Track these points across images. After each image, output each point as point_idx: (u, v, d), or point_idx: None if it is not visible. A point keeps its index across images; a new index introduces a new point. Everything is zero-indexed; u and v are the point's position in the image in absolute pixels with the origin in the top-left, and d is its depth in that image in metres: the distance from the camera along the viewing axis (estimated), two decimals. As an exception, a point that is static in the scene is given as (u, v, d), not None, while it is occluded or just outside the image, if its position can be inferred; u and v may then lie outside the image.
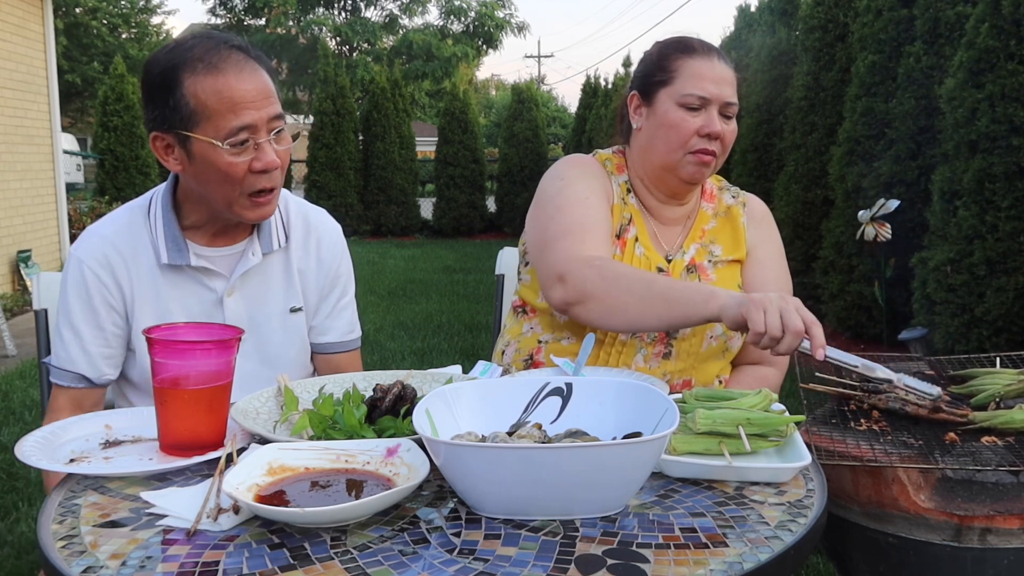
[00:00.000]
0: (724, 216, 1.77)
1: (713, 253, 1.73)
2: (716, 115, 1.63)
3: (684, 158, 1.64)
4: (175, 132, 1.39)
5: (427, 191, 16.20)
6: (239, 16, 21.92)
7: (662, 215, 1.74)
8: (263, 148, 1.39)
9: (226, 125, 1.36)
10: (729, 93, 1.64)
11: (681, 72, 1.64)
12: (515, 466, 0.94)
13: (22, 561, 2.70)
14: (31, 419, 4.08)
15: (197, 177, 1.42)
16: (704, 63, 1.64)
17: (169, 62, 1.39)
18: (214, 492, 1.00)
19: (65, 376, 1.50)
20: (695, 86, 1.62)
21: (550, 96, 41.84)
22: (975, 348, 3.76)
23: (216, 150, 1.37)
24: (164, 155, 1.44)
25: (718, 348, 1.67)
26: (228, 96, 1.36)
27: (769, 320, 1.30)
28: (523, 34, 23.52)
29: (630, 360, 1.64)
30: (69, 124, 20.13)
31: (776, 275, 1.76)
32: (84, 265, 1.48)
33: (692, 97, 1.62)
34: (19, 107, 7.84)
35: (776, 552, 0.91)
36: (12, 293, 7.33)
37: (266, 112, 1.39)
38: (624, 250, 1.67)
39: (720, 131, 1.62)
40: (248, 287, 1.54)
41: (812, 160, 5.87)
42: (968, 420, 1.39)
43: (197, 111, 1.36)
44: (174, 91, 1.37)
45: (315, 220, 1.64)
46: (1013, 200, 3.71)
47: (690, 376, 1.66)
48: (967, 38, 4.00)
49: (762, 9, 7.35)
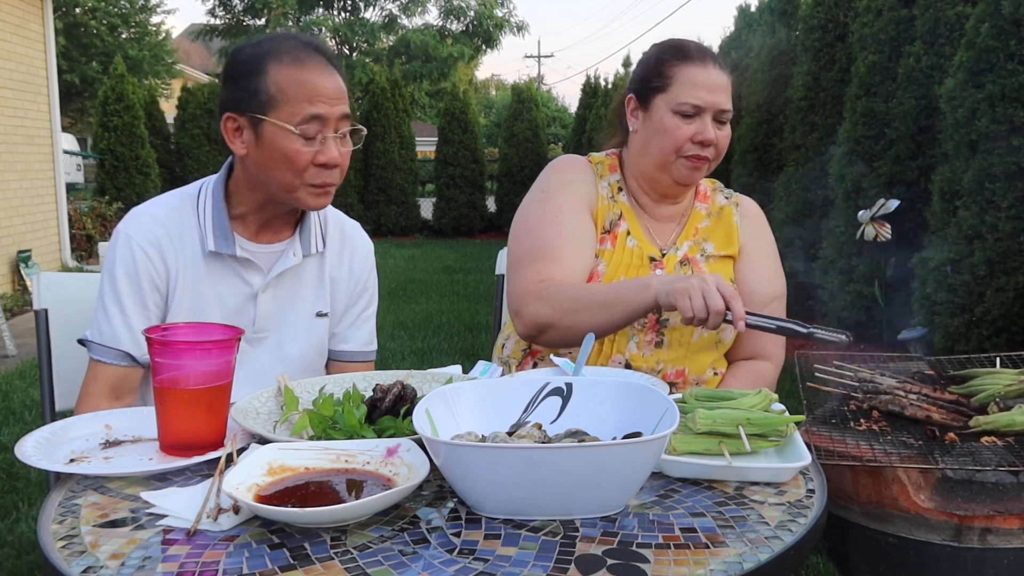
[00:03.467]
0: (717, 216, 1.82)
1: (705, 250, 1.77)
2: (710, 122, 1.67)
3: (677, 161, 1.69)
4: (250, 115, 1.46)
5: (427, 191, 16.20)
6: (238, 16, 21.90)
7: (656, 213, 1.79)
8: (328, 144, 1.46)
9: (301, 112, 1.43)
10: (723, 100, 1.68)
11: (677, 79, 1.68)
12: (515, 466, 0.94)
13: (22, 561, 2.70)
14: (31, 419, 4.08)
15: (261, 161, 1.47)
16: (699, 71, 1.68)
17: (257, 50, 1.48)
18: (214, 492, 1.00)
19: (108, 353, 1.50)
20: (690, 94, 1.66)
21: (550, 96, 41.83)
22: (975, 348, 3.76)
23: (287, 135, 1.43)
24: (232, 137, 1.50)
25: (710, 340, 1.70)
26: (309, 87, 1.44)
27: (694, 304, 1.41)
28: (522, 34, 23.51)
29: (624, 348, 1.68)
30: (69, 124, 20.12)
31: (768, 271, 1.80)
32: (134, 242, 1.50)
33: (687, 105, 1.66)
34: (19, 107, 7.84)
35: (776, 552, 0.91)
36: (12, 293, 7.33)
37: (338, 110, 1.46)
38: (616, 243, 1.72)
39: (713, 138, 1.67)
40: (282, 287, 1.58)
41: (812, 160, 5.87)
42: (968, 425, 1.39)
43: (276, 97, 1.44)
44: (257, 77, 1.45)
45: (350, 232, 1.71)
46: (1013, 200, 3.71)
47: (683, 366, 1.69)
48: (967, 38, 4.00)
49: (762, 9, 7.34)
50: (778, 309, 1.78)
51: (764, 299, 1.74)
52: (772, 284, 1.79)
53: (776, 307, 1.77)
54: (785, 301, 1.82)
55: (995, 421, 1.37)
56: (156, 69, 21.61)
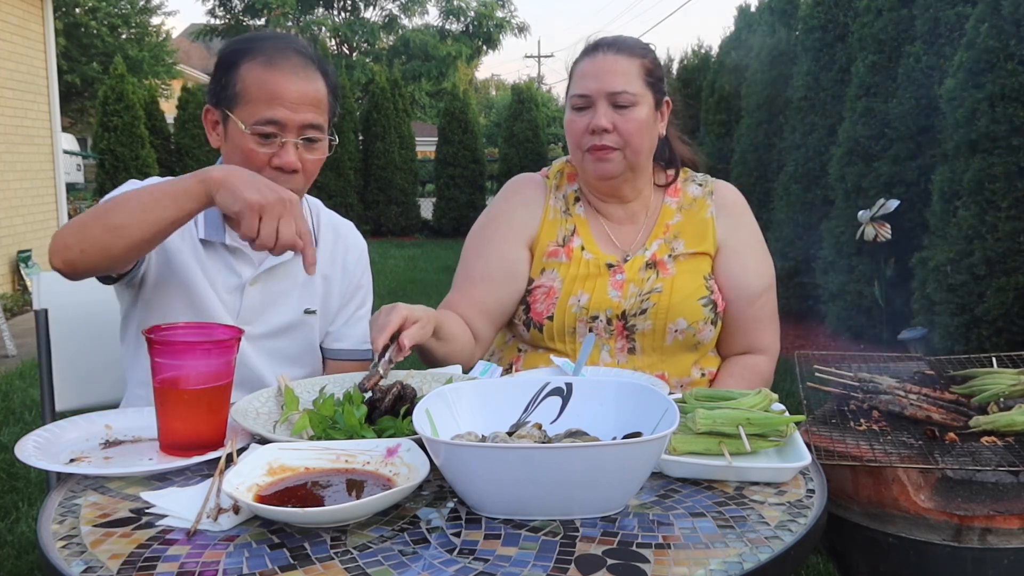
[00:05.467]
0: (689, 209, 1.75)
1: (675, 248, 1.72)
2: (604, 109, 1.62)
3: (584, 157, 1.67)
4: (220, 109, 1.49)
5: (427, 191, 16.20)
6: (238, 17, 21.90)
7: (613, 215, 1.76)
8: (286, 148, 1.46)
9: (257, 113, 1.44)
10: (612, 82, 1.62)
11: (572, 77, 1.69)
12: (515, 466, 0.94)
13: (22, 561, 2.70)
14: (31, 419, 4.08)
15: (227, 156, 1.50)
16: (586, 61, 1.67)
17: (238, 45, 1.51)
18: (214, 492, 1.00)
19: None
20: (575, 86, 1.67)
21: (550, 96, 41.82)
22: (975, 348, 3.76)
23: (242, 134, 1.45)
24: (210, 129, 1.54)
25: (685, 342, 1.66)
26: (269, 89, 1.45)
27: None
28: (523, 35, 23.52)
29: (596, 358, 1.65)
30: (69, 124, 20.11)
31: (755, 261, 1.75)
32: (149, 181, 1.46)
33: (575, 98, 1.66)
34: (19, 107, 7.84)
35: (776, 552, 0.91)
36: (12, 293, 7.33)
37: (300, 116, 1.46)
38: (571, 256, 1.70)
39: (606, 124, 1.61)
40: (271, 281, 1.58)
41: (812, 160, 5.87)
42: (968, 425, 1.39)
43: (240, 94, 1.46)
44: (230, 72, 1.48)
45: (344, 231, 1.71)
46: (1013, 200, 3.71)
47: (661, 371, 1.66)
48: (967, 38, 4.00)
49: (762, 9, 7.34)
50: (769, 300, 1.74)
51: (755, 291, 1.71)
52: (761, 275, 1.73)
53: (767, 298, 1.73)
54: (775, 290, 1.77)
55: (995, 421, 1.37)
56: (156, 70, 21.60)
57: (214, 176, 1.24)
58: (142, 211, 1.26)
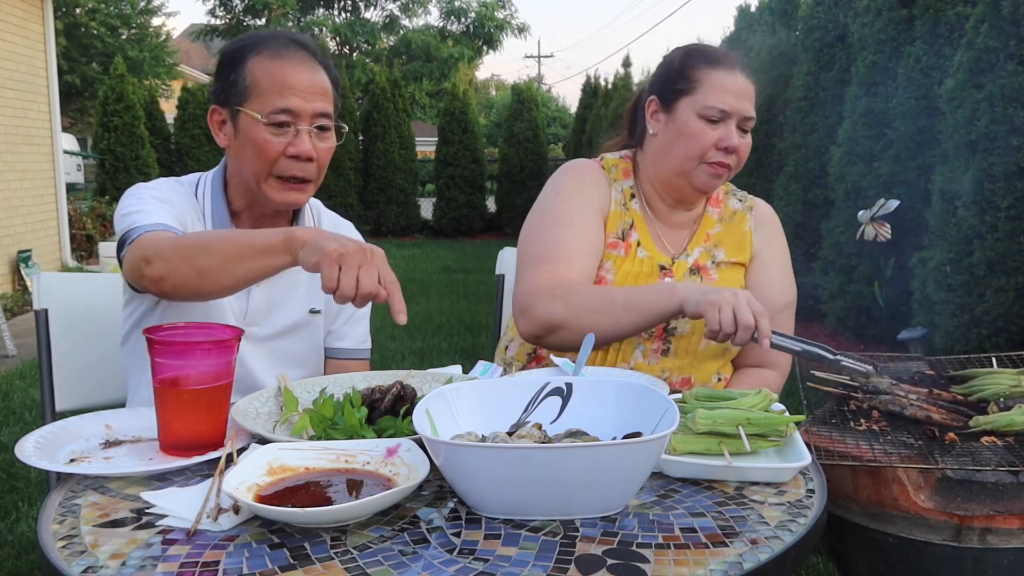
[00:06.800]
0: (729, 221, 1.79)
1: (716, 256, 1.75)
2: (734, 128, 1.65)
3: (699, 167, 1.66)
4: (229, 107, 1.50)
5: (427, 191, 16.20)
6: (238, 17, 21.90)
7: (668, 219, 1.77)
8: (301, 136, 1.48)
9: (271, 103, 1.46)
10: (749, 107, 1.66)
11: (704, 83, 1.65)
12: (515, 466, 0.94)
13: (22, 561, 2.70)
14: (31, 419, 4.08)
15: (238, 153, 1.51)
16: (727, 76, 1.66)
17: (241, 43, 1.52)
18: (214, 492, 1.00)
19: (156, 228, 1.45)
20: (717, 99, 1.64)
21: (550, 96, 41.84)
22: (975, 348, 3.76)
23: (257, 125, 1.46)
24: (217, 130, 1.54)
25: (717, 348, 1.67)
26: (280, 79, 1.46)
27: (723, 318, 1.40)
28: (524, 35, 23.52)
29: (629, 356, 1.66)
30: (69, 124, 20.12)
31: (781, 277, 1.78)
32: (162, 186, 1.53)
33: (713, 110, 1.63)
34: (19, 107, 7.84)
35: (776, 552, 0.91)
36: (12, 293, 7.33)
37: (312, 105, 1.48)
38: (628, 252, 1.70)
39: (736, 145, 1.65)
40: (277, 282, 1.57)
41: (812, 160, 5.87)
42: (968, 425, 1.39)
43: (250, 87, 1.47)
44: (237, 68, 1.49)
45: (344, 231, 1.72)
46: (1013, 200, 3.71)
47: (689, 374, 1.67)
48: (967, 38, 4.00)
49: (762, 9, 7.35)
50: (788, 316, 1.77)
51: (776, 306, 1.72)
52: (784, 291, 1.77)
53: (787, 315, 1.76)
54: (794, 310, 1.80)
55: (995, 421, 1.37)
56: (156, 70, 21.61)
57: (298, 236, 1.23)
58: (229, 261, 1.28)
